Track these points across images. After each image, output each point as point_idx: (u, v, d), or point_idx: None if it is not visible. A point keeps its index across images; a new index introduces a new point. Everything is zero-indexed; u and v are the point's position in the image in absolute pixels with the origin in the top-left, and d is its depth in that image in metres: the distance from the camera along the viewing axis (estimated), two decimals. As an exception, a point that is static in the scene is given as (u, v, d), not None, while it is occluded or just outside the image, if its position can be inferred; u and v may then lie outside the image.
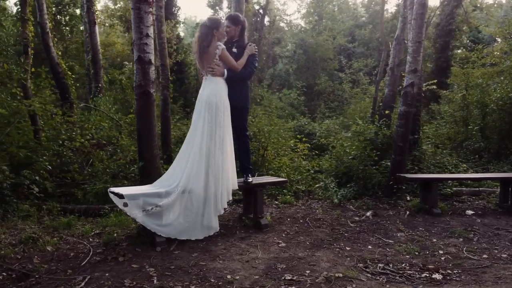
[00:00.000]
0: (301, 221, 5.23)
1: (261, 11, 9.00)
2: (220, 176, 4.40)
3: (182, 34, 19.42)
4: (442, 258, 3.94)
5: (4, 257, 3.57)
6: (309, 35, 18.11)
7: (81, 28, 14.77)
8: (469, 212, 5.69)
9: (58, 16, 15.58)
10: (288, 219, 5.28)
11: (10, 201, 4.88)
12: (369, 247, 4.28)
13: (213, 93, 4.43)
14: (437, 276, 3.51)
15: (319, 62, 18.64)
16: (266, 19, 15.18)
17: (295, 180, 7.40)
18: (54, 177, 6.15)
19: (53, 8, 15.21)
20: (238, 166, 4.95)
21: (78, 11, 15.49)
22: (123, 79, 12.37)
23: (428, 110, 14.52)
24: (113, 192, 4.09)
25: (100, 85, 10.21)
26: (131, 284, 3.20)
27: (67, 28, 16.17)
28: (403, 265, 3.77)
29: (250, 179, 4.78)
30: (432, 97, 15.17)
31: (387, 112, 8.37)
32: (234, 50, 4.59)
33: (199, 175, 4.27)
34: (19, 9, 7.20)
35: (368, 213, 5.56)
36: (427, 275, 3.51)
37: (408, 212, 5.68)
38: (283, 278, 3.40)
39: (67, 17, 15.57)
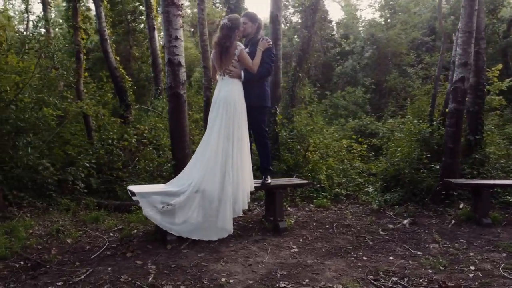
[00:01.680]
0: (327, 226, 4.97)
1: (312, 7, 8.74)
2: (240, 178, 4.35)
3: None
4: (470, 275, 3.47)
5: (27, 247, 3.88)
6: (379, 30, 17.21)
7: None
8: (528, 224, 4.95)
9: (133, 23, 16.76)
10: (314, 224, 5.05)
11: (50, 195, 5.32)
12: (390, 258, 3.93)
13: (231, 94, 4.38)
14: (454, 295, 3.10)
15: (391, 58, 17.62)
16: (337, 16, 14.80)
17: (338, 182, 7.05)
18: (103, 174, 6.58)
19: (128, 16, 16.43)
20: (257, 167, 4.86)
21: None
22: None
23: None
24: (129, 190, 4.26)
25: (160, 87, 10.73)
26: (127, 280, 3.28)
27: (142, 34, 17.30)
28: (421, 280, 3.39)
29: (269, 181, 4.65)
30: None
31: (447, 110, 7.61)
32: (247, 50, 4.49)
33: (214, 175, 4.25)
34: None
35: (405, 221, 5.10)
36: (443, 293, 3.12)
37: (453, 222, 5.11)
38: (277, 285, 3.25)
39: (141, 25, 16.66)
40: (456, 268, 3.64)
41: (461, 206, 5.69)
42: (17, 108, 5.53)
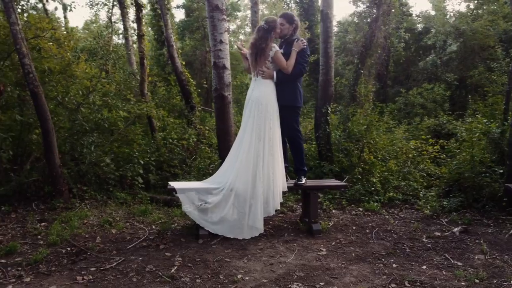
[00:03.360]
0: (367, 231, 4.77)
1: (376, 1, 8.37)
2: (271, 178, 4.39)
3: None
4: (508, 292, 3.12)
5: (76, 235, 4.34)
6: (464, 22, 15.83)
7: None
8: None
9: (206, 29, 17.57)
10: (354, 228, 4.88)
11: (110, 189, 5.85)
12: (424, 267, 3.67)
13: (263, 95, 4.45)
14: (480, 313, 2.83)
15: (478, 51, 16.12)
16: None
17: (395, 186, 6.68)
18: (162, 170, 7.06)
19: (205, 22, 17.26)
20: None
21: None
22: (249, 82, 13.15)
23: None
24: (169, 186, 4.54)
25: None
26: (151, 270, 3.52)
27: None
28: (449, 293, 3.14)
29: (303, 181, 4.61)
30: None
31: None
32: (281, 51, 4.49)
33: (246, 175, 4.34)
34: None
35: (456, 229, 4.69)
36: (468, 309, 2.86)
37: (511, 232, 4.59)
38: (289, 286, 3.25)
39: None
40: (494, 281, 3.30)
41: (530, 215, 5.08)
42: (85, 111, 6.18)
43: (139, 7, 7.92)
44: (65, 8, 5.54)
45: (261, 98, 4.44)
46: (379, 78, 17.18)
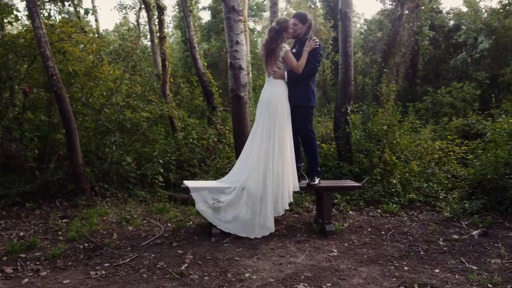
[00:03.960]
0: (382, 232, 4.70)
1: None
2: (280, 177, 4.40)
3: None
4: (522, 299, 3.01)
5: (94, 231, 4.49)
6: (495, 18, 15.26)
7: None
8: None
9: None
10: (369, 229, 4.82)
11: (130, 187, 6.02)
12: (436, 270, 3.60)
13: (274, 95, 4.48)
14: (490, 319, 2.75)
15: (510, 49, 15.48)
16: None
17: (416, 187, 6.53)
18: (183, 169, 7.19)
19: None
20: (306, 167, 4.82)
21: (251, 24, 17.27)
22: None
23: None
24: (183, 185, 4.63)
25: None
26: (162, 267, 3.62)
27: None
28: (459, 298, 3.06)
29: (316, 182, 4.58)
30: None
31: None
32: (294, 50, 4.50)
33: (257, 174, 4.38)
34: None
35: (474, 232, 4.56)
36: (477, 315, 2.78)
37: (536, 236, 4.41)
38: (295, 286, 3.25)
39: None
40: (508, 287, 3.19)
41: (557, 219, 4.86)
42: (108, 111, 6.38)
43: (160, 10, 8.10)
44: (86, 12, 5.71)
45: (272, 98, 4.47)
46: (407, 76, 16.80)
